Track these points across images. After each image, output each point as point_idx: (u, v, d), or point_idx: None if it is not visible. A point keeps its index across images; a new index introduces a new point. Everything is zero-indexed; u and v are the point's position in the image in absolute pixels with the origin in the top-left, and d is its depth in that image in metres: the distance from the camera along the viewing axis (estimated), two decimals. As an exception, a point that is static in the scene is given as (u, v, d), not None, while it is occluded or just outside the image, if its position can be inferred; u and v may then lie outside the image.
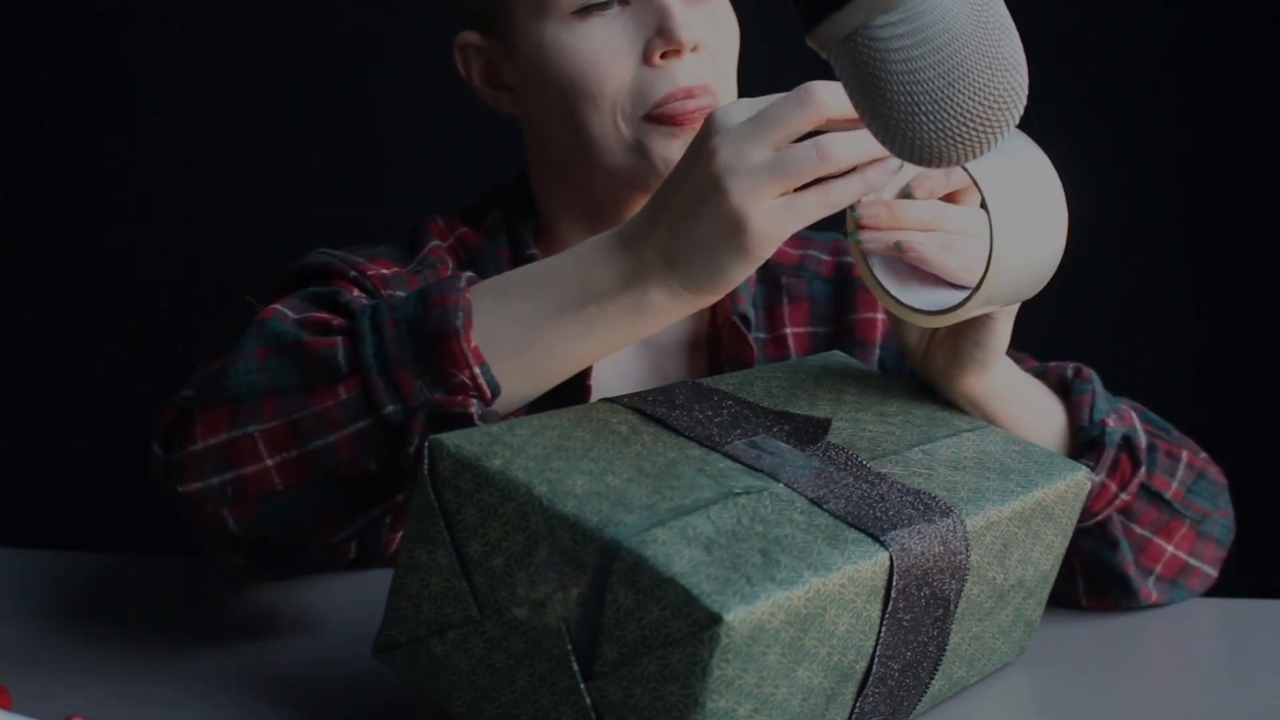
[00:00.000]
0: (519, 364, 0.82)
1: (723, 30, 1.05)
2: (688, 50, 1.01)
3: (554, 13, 1.02)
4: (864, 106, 0.75)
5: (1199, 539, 1.01)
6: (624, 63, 1.01)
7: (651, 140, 1.02)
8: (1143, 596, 1.00)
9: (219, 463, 0.83)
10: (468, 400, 0.80)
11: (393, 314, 0.82)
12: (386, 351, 0.81)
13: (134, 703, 0.83)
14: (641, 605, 0.67)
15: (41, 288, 1.87)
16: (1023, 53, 0.74)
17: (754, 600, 0.66)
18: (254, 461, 0.83)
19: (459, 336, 0.80)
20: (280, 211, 1.80)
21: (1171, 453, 1.01)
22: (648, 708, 0.67)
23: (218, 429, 0.83)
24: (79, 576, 1.04)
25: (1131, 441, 0.96)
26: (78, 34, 1.83)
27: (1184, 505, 1.00)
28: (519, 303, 0.82)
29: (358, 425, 0.81)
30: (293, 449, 0.82)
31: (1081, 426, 0.96)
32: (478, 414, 0.81)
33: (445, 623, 0.74)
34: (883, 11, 0.71)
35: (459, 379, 0.80)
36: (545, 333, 0.81)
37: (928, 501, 0.78)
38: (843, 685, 0.74)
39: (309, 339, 0.83)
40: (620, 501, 0.70)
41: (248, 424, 0.83)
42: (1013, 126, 0.76)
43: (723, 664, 0.66)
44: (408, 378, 0.80)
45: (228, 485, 0.83)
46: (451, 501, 0.73)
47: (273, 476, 0.83)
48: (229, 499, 0.84)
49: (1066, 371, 1.00)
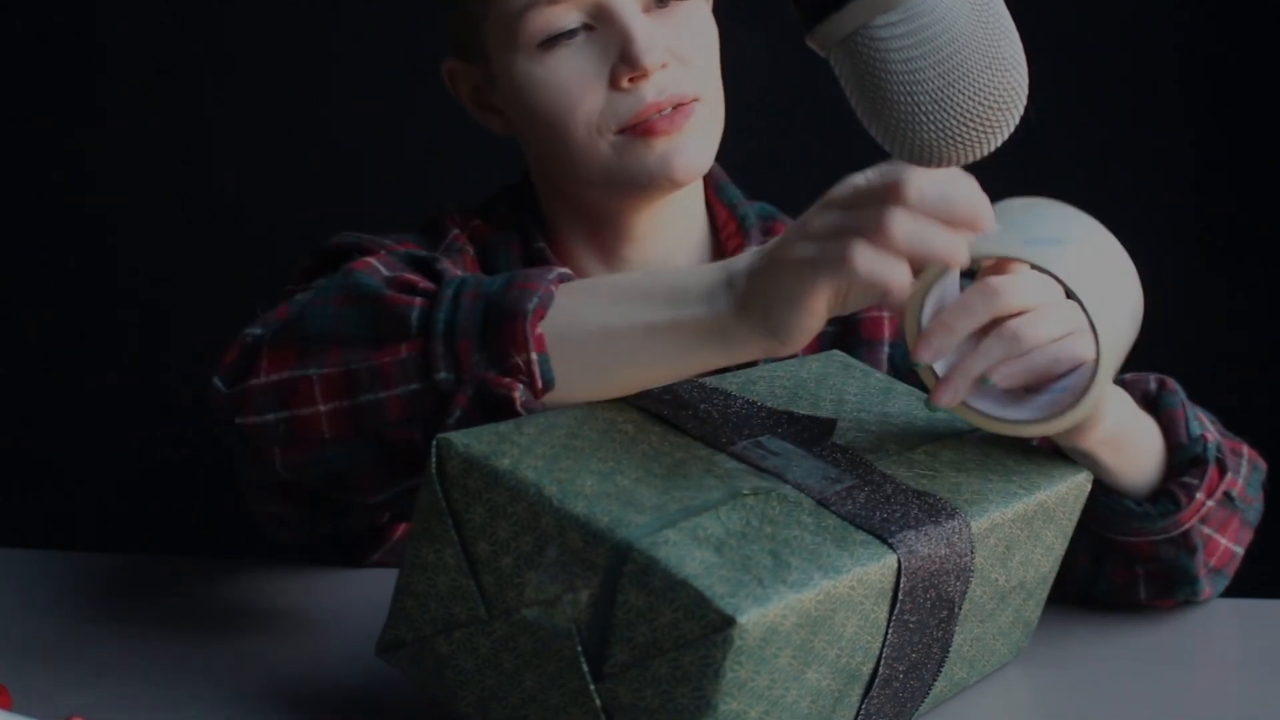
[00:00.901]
0: (582, 365, 0.80)
1: (696, 38, 1.04)
2: (654, 71, 1.01)
3: (521, 45, 1.03)
4: (864, 106, 0.75)
5: (1243, 527, 1.00)
6: (592, 89, 1.02)
7: (631, 152, 1.03)
8: (1204, 595, 0.99)
9: (278, 400, 0.83)
10: (515, 384, 0.79)
11: (477, 287, 0.81)
12: (457, 319, 0.80)
13: (134, 703, 0.83)
14: (653, 607, 0.67)
15: (41, 287, 1.87)
16: (1023, 53, 0.74)
17: (766, 602, 0.66)
18: (308, 404, 0.83)
19: (525, 319, 0.79)
20: (280, 212, 1.80)
21: (1235, 450, 0.99)
22: (659, 709, 0.67)
23: (282, 367, 0.83)
24: (79, 576, 1.04)
25: (1221, 450, 0.95)
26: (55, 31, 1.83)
27: (1242, 499, 0.98)
28: (603, 304, 0.80)
29: (409, 387, 0.81)
30: (345, 399, 0.82)
31: (1180, 444, 0.94)
32: (521, 400, 0.79)
33: (452, 622, 0.73)
34: (883, 11, 0.71)
35: (514, 361, 0.79)
36: (616, 340, 0.80)
37: (933, 503, 0.78)
38: (850, 687, 0.74)
39: (389, 294, 0.83)
40: (630, 502, 0.70)
41: (310, 366, 0.83)
42: (1013, 126, 0.76)
43: (735, 666, 0.66)
44: (468, 349, 0.79)
45: (282, 423, 0.83)
46: (459, 500, 0.72)
47: (322, 423, 0.83)
48: (281, 438, 0.84)
49: (1149, 385, 0.97)
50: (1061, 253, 0.78)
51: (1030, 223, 0.80)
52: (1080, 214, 0.82)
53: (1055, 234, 0.78)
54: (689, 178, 1.04)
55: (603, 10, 1.01)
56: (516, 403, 0.79)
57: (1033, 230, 0.79)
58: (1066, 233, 0.79)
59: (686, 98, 1.02)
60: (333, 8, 1.81)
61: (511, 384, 0.79)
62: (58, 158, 1.85)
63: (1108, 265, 0.81)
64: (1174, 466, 0.94)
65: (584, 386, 0.81)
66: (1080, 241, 0.80)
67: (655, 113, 1.01)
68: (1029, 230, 0.79)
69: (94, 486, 1.84)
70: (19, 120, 1.84)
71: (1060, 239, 0.78)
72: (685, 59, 1.03)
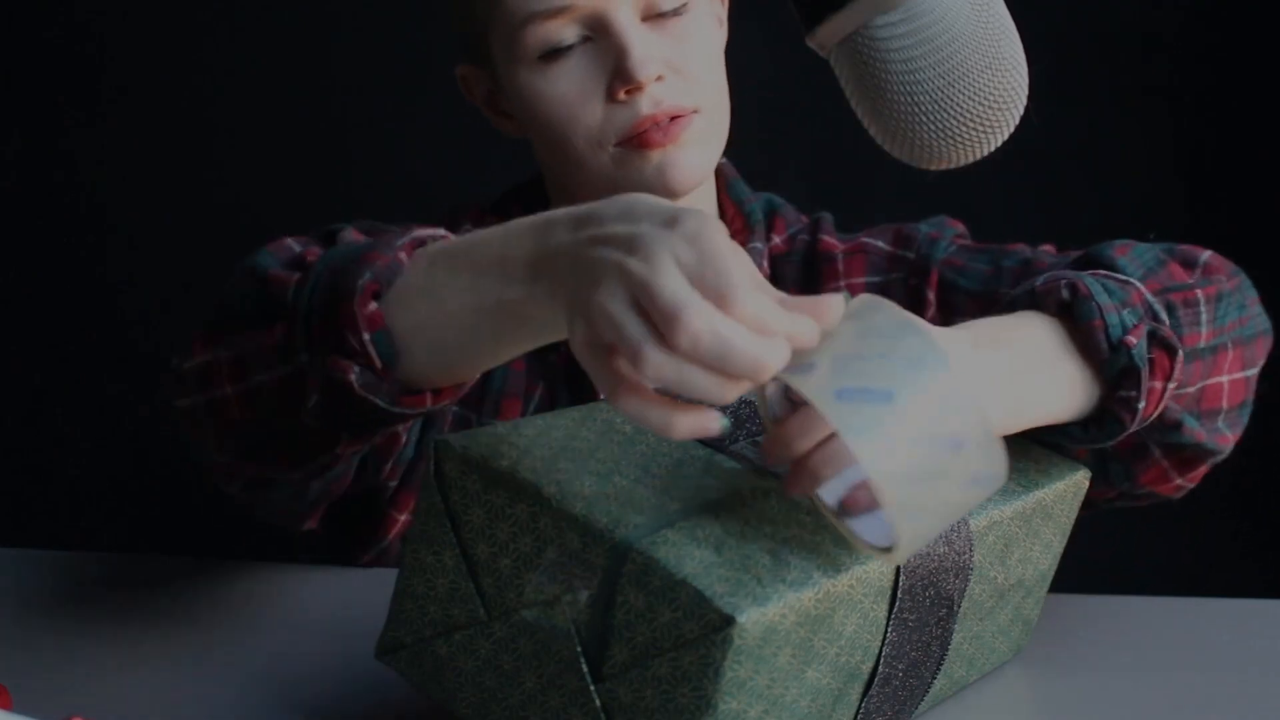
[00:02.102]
0: (424, 340, 0.77)
1: (696, 50, 1.04)
2: (649, 84, 1.01)
3: (523, 58, 1.03)
4: (864, 107, 0.75)
5: (1246, 347, 0.95)
6: (590, 102, 1.02)
7: (629, 164, 1.03)
8: (1220, 444, 0.94)
9: (199, 384, 0.85)
10: (349, 366, 0.77)
11: (333, 260, 0.79)
12: (313, 299, 0.79)
13: (134, 703, 0.82)
14: (653, 607, 0.66)
15: (42, 288, 1.87)
16: (1023, 53, 0.74)
17: (765, 602, 0.65)
18: (219, 387, 0.84)
19: (353, 298, 0.77)
20: (281, 212, 1.80)
21: (1189, 300, 0.91)
22: (658, 709, 0.67)
23: (199, 351, 0.85)
24: (79, 576, 1.04)
25: (1159, 335, 0.86)
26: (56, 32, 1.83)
27: (1219, 336, 0.92)
28: (441, 277, 0.76)
29: (283, 370, 0.80)
30: (242, 381, 0.83)
31: (1104, 360, 0.84)
32: (359, 383, 0.77)
33: (451, 624, 0.73)
34: (882, 12, 0.71)
35: (349, 342, 0.77)
36: (451, 318, 0.76)
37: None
38: (849, 686, 0.74)
39: (274, 272, 0.82)
40: (629, 503, 0.70)
41: (219, 349, 0.84)
42: (1013, 126, 0.76)
43: (735, 666, 0.65)
44: (318, 330, 0.78)
45: (203, 406, 0.85)
46: (458, 503, 0.72)
47: (231, 406, 0.83)
48: (206, 420, 0.85)
49: (1062, 294, 0.85)
50: (878, 418, 0.63)
51: (862, 359, 0.64)
52: (932, 352, 0.65)
53: (885, 385, 0.63)
54: (686, 188, 1.04)
55: (600, 22, 1.01)
56: (354, 386, 0.77)
57: (860, 373, 0.64)
58: (902, 385, 0.64)
59: (683, 110, 1.02)
60: (333, 8, 1.81)
61: (347, 366, 0.77)
62: (58, 158, 1.85)
63: (936, 440, 0.65)
64: (1107, 381, 0.85)
65: (432, 364, 0.78)
66: (911, 400, 0.64)
67: (651, 125, 1.01)
68: (855, 372, 0.64)
69: (94, 486, 1.84)
70: (19, 121, 1.84)
71: (890, 394, 0.63)
72: (683, 71, 1.03)
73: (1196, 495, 1.02)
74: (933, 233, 1.13)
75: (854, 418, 0.63)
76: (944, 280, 1.10)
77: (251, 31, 1.81)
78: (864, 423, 0.63)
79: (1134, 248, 0.94)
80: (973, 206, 1.26)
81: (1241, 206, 1.79)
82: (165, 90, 1.83)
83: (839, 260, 1.13)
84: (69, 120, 1.84)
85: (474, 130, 1.19)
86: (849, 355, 0.64)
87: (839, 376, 0.64)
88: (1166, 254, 0.95)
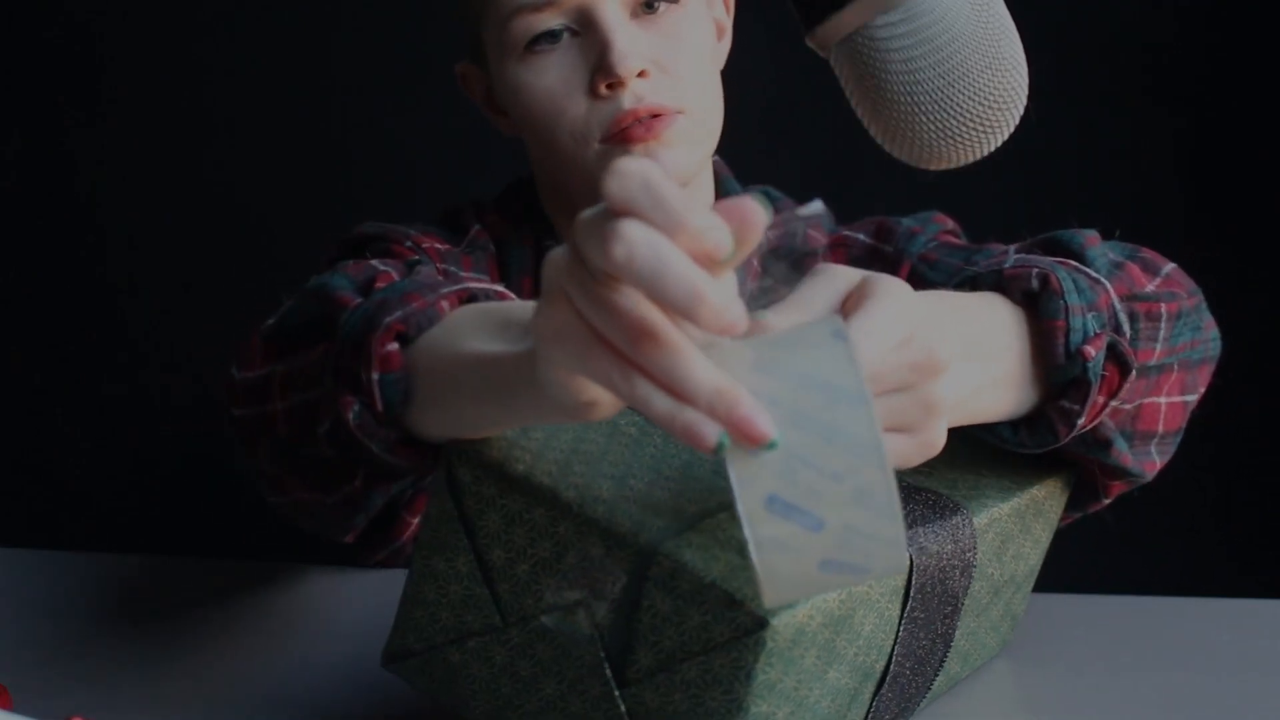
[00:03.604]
0: (432, 391, 0.73)
1: (684, 48, 1.03)
2: (631, 79, 0.99)
3: (512, 50, 1.02)
4: (864, 107, 0.75)
5: (1190, 372, 0.91)
6: (574, 96, 1.01)
7: (613, 159, 1.02)
8: (1145, 470, 0.90)
9: (256, 395, 0.84)
10: (350, 402, 0.74)
11: (386, 292, 0.77)
12: (352, 327, 0.77)
13: (134, 703, 0.82)
14: (680, 610, 0.65)
15: (42, 288, 1.87)
16: (1023, 53, 0.74)
17: (794, 604, 0.65)
18: (272, 400, 0.83)
19: (374, 333, 0.74)
20: (281, 213, 1.80)
21: (1151, 313, 0.87)
22: (688, 713, 0.66)
23: (260, 363, 0.84)
24: (79, 576, 1.03)
25: (1117, 350, 0.80)
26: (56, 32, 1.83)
27: (1170, 355, 0.88)
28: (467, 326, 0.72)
29: (318, 391, 0.79)
30: (289, 398, 0.81)
31: (1057, 365, 0.78)
32: (353, 421, 0.74)
33: (465, 631, 0.72)
34: (882, 12, 0.71)
35: (360, 378, 0.74)
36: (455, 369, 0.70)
37: (935, 500, 0.77)
38: (864, 685, 0.73)
39: (340, 295, 0.80)
40: (648, 505, 0.68)
41: (277, 363, 0.82)
42: (1013, 126, 0.76)
43: (767, 668, 0.65)
44: (347, 358, 0.76)
45: (258, 418, 0.84)
46: (472, 508, 0.71)
47: (280, 420, 0.82)
48: (259, 431, 0.84)
49: (1031, 283, 0.80)
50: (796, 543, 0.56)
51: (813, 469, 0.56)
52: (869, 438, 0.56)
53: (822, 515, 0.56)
54: None
55: (586, 17, 1.00)
56: (350, 423, 0.74)
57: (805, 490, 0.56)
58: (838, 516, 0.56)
59: (666, 109, 1.00)
60: (333, 8, 1.81)
61: (349, 401, 0.74)
62: (58, 158, 1.85)
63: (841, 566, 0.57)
64: (1052, 386, 0.80)
65: (433, 417, 0.73)
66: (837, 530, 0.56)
67: (633, 121, 1.00)
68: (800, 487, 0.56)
69: (94, 486, 1.84)
70: (19, 121, 1.84)
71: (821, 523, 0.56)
72: (669, 69, 1.01)
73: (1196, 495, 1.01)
74: (914, 227, 1.12)
75: (773, 533, 0.56)
76: (914, 273, 1.09)
77: (251, 31, 1.81)
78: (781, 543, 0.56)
79: (1104, 242, 0.89)
80: (972, 206, 1.26)
81: (1241, 206, 1.79)
82: (165, 90, 1.82)
83: (821, 254, 1.13)
84: (69, 120, 1.84)
85: (474, 130, 1.19)
86: (801, 449, 0.56)
87: (780, 478, 0.56)
88: (1131, 255, 0.91)
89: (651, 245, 0.53)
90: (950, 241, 1.12)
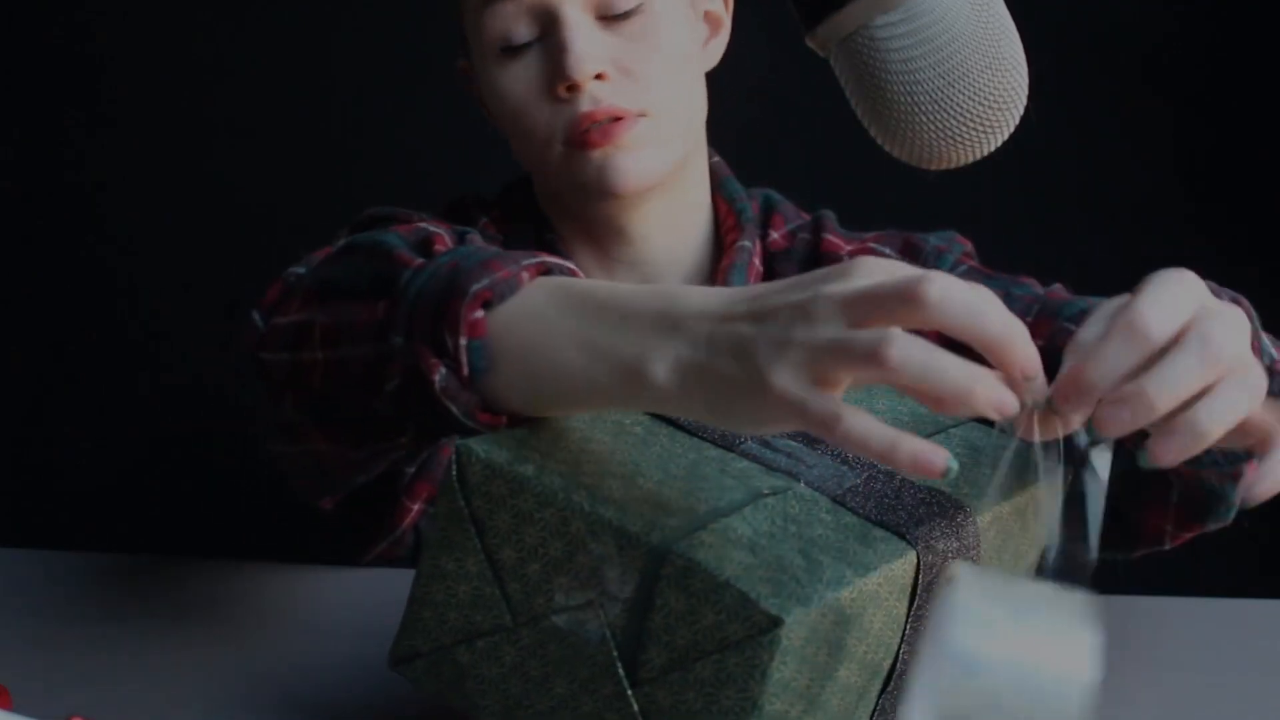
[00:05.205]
0: (520, 365, 0.73)
1: (650, 52, 1.02)
2: (586, 82, 0.99)
3: (489, 53, 1.03)
4: (864, 107, 0.75)
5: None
6: (539, 99, 1.02)
7: (573, 163, 1.02)
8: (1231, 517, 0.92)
9: (290, 341, 0.82)
10: (437, 365, 0.73)
11: (461, 259, 0.76)
12: (428, 286, 0.75)
13: (134, 703, 0.82)
14: (694, 609, 0.65)
15: (42, 288, 1.87)
16: (1023, 53, 0.74)
17: (808, 602, 0.64)
18: (310, 350, 0.81)
19: (463, 299, 0.73)
20: (281, 213, 1.80)
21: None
22: (702, 712, 0.65)
23: (303, 308, 0.83)
24: (79, 576, 1.03)
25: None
26: (47, 28, 1.83)
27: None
28: (560, 305, 0.72)
29: (377, 348, 0.77)
30: (332, 349, 0.80)
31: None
32: (440, 384, 0.73)
33: (474, 631, 0.71)
34: (882, 12, 0.71)
35: (447, 341, 0.73)
36: (556, 342, 0.72)
37: (939, 498, 0.77)
38: (871, 683, 0.73)
39: (400, 252, 0.79)
40: (659, 505, 0.68)
41: (318, 312, 0.81)
42: (1012, 126, 0.76)
43: (781, 666, 0.64)
44: (421, 319, 0.74)
45: (288, 365, 0.83)
46: (482, 508, 0.70)
47: (317, 371, 0.81)
48: (288, 379, 0.83)
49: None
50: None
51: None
52: None
53: None
54: (628, 190, 1.02)
55: (550, 17, 1.00)
56: (435, 385, 0.73)
57: None
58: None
59: (624, 112, 1.00)
60: (333, 8, 1.81)
61: (435, 364, 0.73)
62: (58, 158, 1.85)
63: None
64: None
65: (519, 391, 0.74)
66: None
67: (590, 124, 1.00)
68: None
69: (94, 486, 1.84)
70: (19, 121, 1.84)
71: None
72: (632, 72, 1.01)
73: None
74: (940, 245, 1.12)
75: None
76: None
77: (251, 31, 1.80)
78: None
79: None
80: (973, 206, 1.26)
81: (1241, 206, 1.79)
82: (165, 90, 1.82)
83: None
84: (69, 120, 1.84)
85: (474, 130, 1.19)
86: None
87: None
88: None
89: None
90: (980, 268, 1.11)
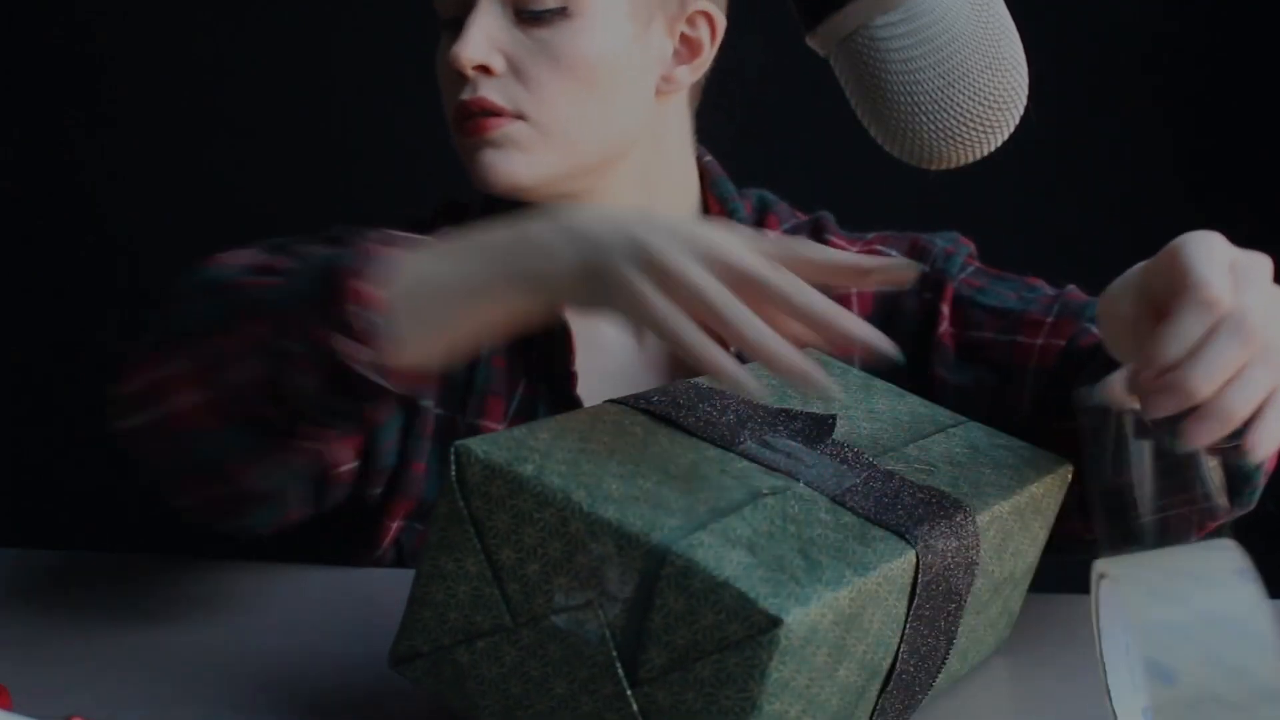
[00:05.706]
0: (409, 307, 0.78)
1: (550, 58, 1.01)
2: (466, 70, 0.99)
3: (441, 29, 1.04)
4: (864, 106, 0.75)
5: None
6: (449, 79, 1.03)
7: (460, 147, 1.04)
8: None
9: (148, 401, 0.84)
10: (335, 337, 0.77)
11: (322, 259, 0.80)
12: (301, 289, 0.79)
13: (133, 703, 0.81)
14: (693, 610, 0.65)
15: (42, 288, 1.87)
16: (1023, 53, 0.74)
17: (807, 602, 0.64)
18: (176, 400, 0.83)
19: (354, 277, 0.77)
20: (281, 213, 1.80)
21: None
22: (701, 712, 0.65)
23: (145, 370, 0.85)
24: (79, 576, 1.03)
25: None
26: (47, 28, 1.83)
27: None
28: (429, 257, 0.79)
29: (265, 365, 0.80)
30: (207, 389, 0.82)
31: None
32: (347, 353, 0.77)
33: (474, 631, 0.71)
34: (883, 12, 0.71)
35: (345, 317, 0.77)
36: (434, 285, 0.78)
37: (939, 497, 0.77)
38: (871, 683, 0.73)
39: (245, 280, 0.82)
40: (659, 505, 0.68)
41: (172, 364, 0.83)
42: (1012, 126, 0.76)
43: (780, 666, 0.64)
44: (307, 313, 0.78)
45: (152, 426, 0.85)
46: (481, 508, 0.70)
47: (191, 417, 0.82)
48: (153, 440, 0.86)
49: None
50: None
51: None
52: None
53: None
54: (496, 188, 1.02)
55: (470, 3, 1.01)
56: (345, 356, 0.77)
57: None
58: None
59: (500, 109, 1.00)
60: (333, 8, 1.81)
61: (337, 339, 0.77)
62: (58, 158, 1.85)
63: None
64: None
65: (415, 333, 0.78)
66: None
67: (465, 114, 1.00)
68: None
69: (94, 486, 1.84)
70: (19, 121, 1.84)
71: None
72: (524, 74, 1.00)
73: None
74: (948, 248, 1.11)
75: None
76: (960, 296, 1.06)
77: (251, 31, 1.80)
78: None
79: None
80: (973, 205, 1.26)
81: (1241, 207, 1.79)
82: (165, 90, 1.82)
83: None
84: (69, 120, 1.84)
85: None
86: (1210, 684, 0.63)
87: (1190, 710, 0.63)
88: None
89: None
90: (987, 269, 1.10)
